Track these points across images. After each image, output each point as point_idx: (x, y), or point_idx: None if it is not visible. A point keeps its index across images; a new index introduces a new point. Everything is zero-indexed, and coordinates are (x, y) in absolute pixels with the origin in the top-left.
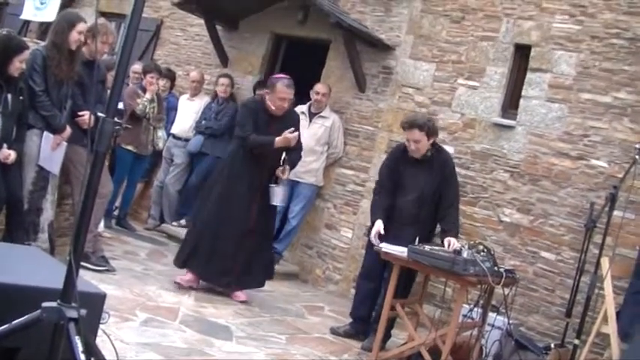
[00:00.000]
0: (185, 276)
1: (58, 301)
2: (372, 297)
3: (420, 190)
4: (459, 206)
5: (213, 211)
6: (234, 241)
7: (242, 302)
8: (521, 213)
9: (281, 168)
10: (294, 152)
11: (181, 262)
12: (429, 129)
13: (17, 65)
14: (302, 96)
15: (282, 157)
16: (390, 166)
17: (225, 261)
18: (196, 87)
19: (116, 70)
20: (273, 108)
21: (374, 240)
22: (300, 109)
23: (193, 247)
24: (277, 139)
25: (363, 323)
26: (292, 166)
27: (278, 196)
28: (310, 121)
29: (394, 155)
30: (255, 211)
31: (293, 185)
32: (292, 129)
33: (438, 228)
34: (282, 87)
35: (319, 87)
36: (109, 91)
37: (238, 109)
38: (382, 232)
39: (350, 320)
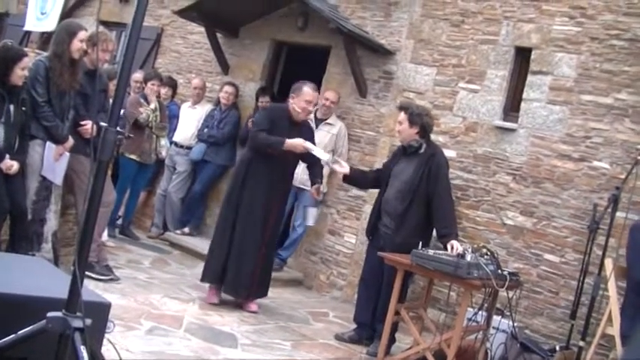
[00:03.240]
0: (211, 295)
1: (63, 310)
2: (375, 301)
3: (402, 182)
4: (456, 208)
5: (235, 223)
6: (254, 253)
7: (252, 312)
8: (525, 215)
9: (314, 187)
10: (316, 167)
11: (209, 278)
12: (412, 114)
13: (19, 73)
14: None
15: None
16: (387, 161)
17: (247, 273)
18: (199, 94)
19: (118, 78)
20: (299, 111)
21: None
22: None
23: (219, 262)
24: (288, 141)
25: (367, 328)
26: (320, 181)
27: (312, 216)
28: (316, 127)
29: (394, 152)
30: (272, 222)
31: (297, 193)
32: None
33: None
34: (309, 90)
35: (329, 94)
36: (111, 100)
37: (260, 113)
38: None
39: (354, 326)
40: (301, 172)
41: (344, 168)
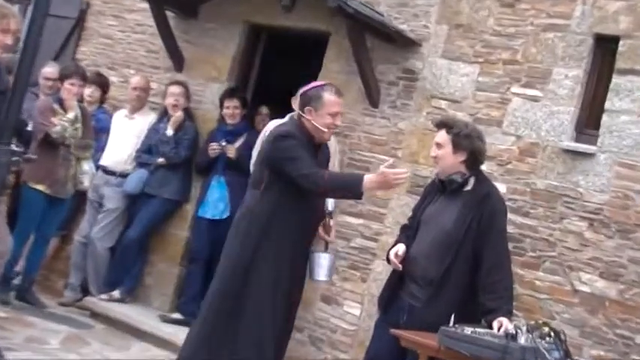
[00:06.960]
0: None
1: None
2: None
3: (439, 232)
4: (511, 269)
5: (243, 299)
6: (278, 336)
7: None
8: (607, 280)
9: (324, 223)
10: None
11: None
12: (459, 134)
13: None
14: (286, 107)
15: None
16: (417, 204)
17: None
18: (139, 98)
19: (16, 71)
20: (324, 130)
21: (393, 259)
22: None
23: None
24: (371, 178)
25: None
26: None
27: (324, 267)
28: None
29: (425, 189)
30: (297, 290)
31: None
32: (390, 161)
33: None
34: (331, 96)
35: None
36: None
37: (276, 142)
38: (400, 253)
39: None
40: None
41: (397, 266)
